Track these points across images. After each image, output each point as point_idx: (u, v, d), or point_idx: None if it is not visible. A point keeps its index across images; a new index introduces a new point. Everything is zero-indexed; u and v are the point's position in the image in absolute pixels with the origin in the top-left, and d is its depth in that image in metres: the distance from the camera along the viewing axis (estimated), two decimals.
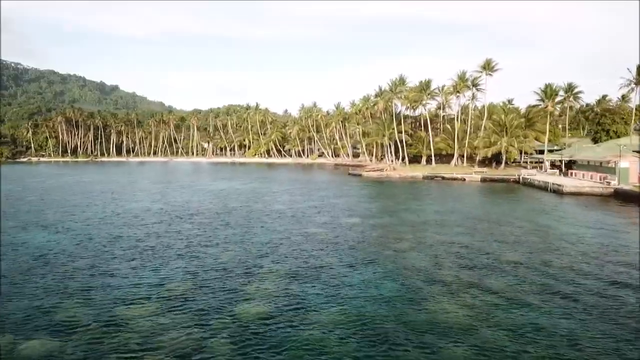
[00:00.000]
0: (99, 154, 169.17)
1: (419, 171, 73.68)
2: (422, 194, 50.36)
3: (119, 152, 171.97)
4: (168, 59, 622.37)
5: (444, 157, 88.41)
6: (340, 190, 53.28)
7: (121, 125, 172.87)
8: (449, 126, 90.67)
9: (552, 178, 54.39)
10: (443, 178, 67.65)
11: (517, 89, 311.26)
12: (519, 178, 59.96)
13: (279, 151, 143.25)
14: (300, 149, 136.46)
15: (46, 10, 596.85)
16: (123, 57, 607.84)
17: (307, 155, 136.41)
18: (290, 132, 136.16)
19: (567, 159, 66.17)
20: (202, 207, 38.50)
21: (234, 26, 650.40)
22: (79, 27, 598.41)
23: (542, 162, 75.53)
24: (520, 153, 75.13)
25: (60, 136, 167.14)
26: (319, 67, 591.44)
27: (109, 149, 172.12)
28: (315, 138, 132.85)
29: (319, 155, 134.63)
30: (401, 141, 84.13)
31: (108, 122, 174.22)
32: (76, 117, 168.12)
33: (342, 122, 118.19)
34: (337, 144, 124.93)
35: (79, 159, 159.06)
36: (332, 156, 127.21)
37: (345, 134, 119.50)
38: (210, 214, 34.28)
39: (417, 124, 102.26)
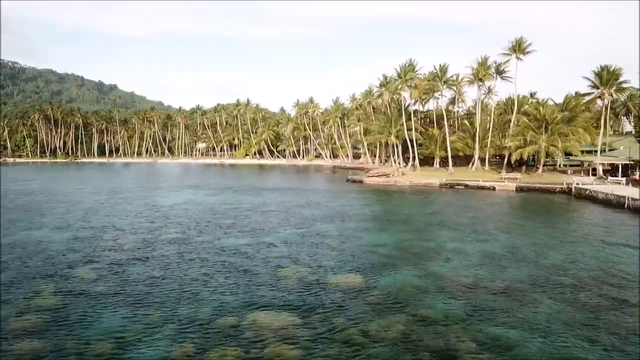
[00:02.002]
0: (80, 154, 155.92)
1: (434, 177, 59.71)
2: (448, 213, 36.58)
3: (102, 153, 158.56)
4: (168, 58, 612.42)
5: (458, 159, 74.52)
6: (335, 205, 39.61)
7: (102, 124, 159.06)
8: (467, 122, 76.82)
9: (624, 190, 40.40)
10: (466, 186, 54.00)
11: (517, 89, 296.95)
12: (570, 188, 46.07)
13: (271, 152, 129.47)
14: (295, 149, 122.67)
15: (46, 10, 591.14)
16: (122, 57, 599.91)
17: (303, 156, 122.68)
18: (284, 131, 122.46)
19: (626, 162, 52.41)
20: (118, 240, 24.82)
21: (234, 26, 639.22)
22: (79, 27, 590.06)
23: (582, 166, 62.09)
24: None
25: (39, 135, 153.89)
26: (319, 67, 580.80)
27: (92, 149, 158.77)
28: (312, 137, 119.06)
29: (316, 156, 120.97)
30: (411, 140, 70.14)
31: (89, 119, 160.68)
32: (56, 115, 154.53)
33: (340, 118, 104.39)
34: (335, 143, 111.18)
35: (58, 160, 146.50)
36: (331, 157, 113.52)
37: (345, 132, 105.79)
38: (115, 258, 20.61)
39: (428, 120, 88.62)
